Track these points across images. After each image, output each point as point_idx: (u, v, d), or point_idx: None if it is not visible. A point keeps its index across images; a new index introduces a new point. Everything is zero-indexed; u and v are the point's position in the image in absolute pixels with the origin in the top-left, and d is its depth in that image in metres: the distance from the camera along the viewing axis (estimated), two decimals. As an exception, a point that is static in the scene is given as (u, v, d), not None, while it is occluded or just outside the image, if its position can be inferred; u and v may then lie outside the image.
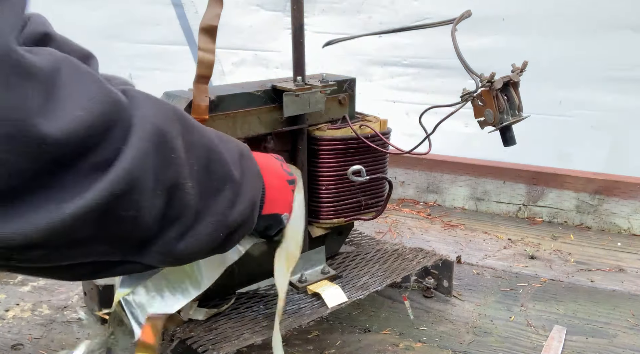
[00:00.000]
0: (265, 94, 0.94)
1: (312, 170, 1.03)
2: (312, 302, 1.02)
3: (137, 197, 0.46)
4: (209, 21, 0.81)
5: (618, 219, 1.52)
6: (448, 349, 1.03)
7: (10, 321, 1.11)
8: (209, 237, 0.56)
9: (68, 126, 0.41)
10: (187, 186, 0.52)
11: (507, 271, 1.32)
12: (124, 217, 0.46)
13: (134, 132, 0.46)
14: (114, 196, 0.44)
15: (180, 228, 0.53)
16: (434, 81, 1.73)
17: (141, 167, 0.46)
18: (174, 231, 0.53)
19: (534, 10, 1.57)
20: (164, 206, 0.50)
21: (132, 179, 0.45)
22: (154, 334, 0.80)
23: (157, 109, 0.50)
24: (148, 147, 0.47)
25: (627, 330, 1.09)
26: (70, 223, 0.42)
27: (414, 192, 1.75)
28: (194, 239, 0.55)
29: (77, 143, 0.42)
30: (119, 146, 0.45)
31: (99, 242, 0.47)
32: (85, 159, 0.43)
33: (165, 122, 0.50)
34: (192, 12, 2.06)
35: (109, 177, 0.43)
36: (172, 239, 0.53)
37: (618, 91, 1.53)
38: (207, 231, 0.56)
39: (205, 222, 0.56)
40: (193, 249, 0.55)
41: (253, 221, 0.65)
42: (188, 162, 0.53)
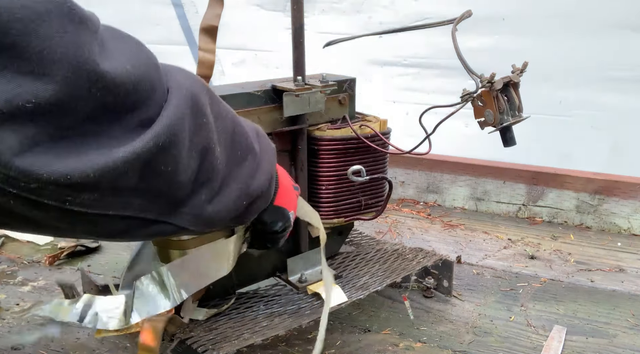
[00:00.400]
0: (265, 94, 0.94)
1: (312, 170, 1.03)
2: (312, 302, 1.02)
3: (175, 154, 0.49)
4: (209, 21, 0.81)
5: (618, 219, 1.52)
6: (448, 349, 1.03)
7: (10, 321, 1.11)
8: (234, 203, 0.59)
9: (121, 75, 0.44)
10: (216, 151, 0.55)
11: (507, 271, 1.32)
12: (163, 172, 0.49)
13: (172, 94, 0.49)
14: (157, 148, 0.46)
15: (209, 191, 0.55)
16: (434, 81, 1.73)
17: (180, 126, 0.49)
18: (203, 193, 0.55)
19: (534, 10, 1.57)
20: (196, 168, 0.53)
21: (173, 135, 0.48)
22: (155, 336, 0.80)
23: (188, 78, 0.53)
24: (185, 108, 0.50)
25: (627, 330, 1.09)
26: (121, 167, 0.44)
27: (414, 192, 1.75)
28: (221, 203, 0.57)
29: (127, 94, 0.45)
30: (161, 104, 0.48)
31: (138, 195, 0.49)
32: (132, 113, 0.46)
33: (197, 89, 0.53)
34: (192, 12, 2.06)
35: (154, 129, 0.46)
36: (202, 202, 0.55)
37: (618, 91, 1.53)
38: (233, 196, 0.59)
39: (231, 188, 0.58)
40: (220, 214, 0.58)
41: (270, 194, 0.68)
42: (217, 130, 0.55)
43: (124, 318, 0.71)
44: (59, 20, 0.40)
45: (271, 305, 1.01)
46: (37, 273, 1.30)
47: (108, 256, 1.39)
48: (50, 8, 0.40)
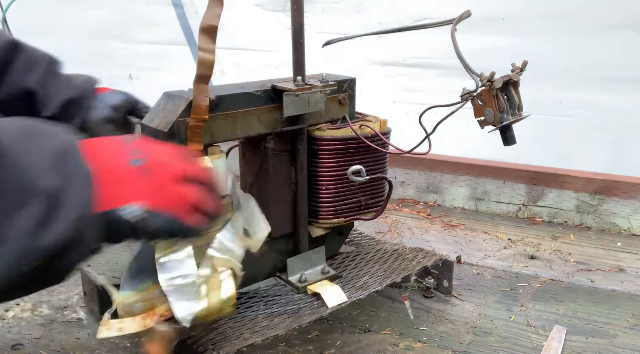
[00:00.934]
0: (265, 94, 0.94)
1: (312, 170, 1.03)
2: (312, 302, 1.02)
3: None
4: (209, 21, 0.81)
5: (618, 219, 1.52)
6: (448, 349, 1.03)
7: (10, 321, 1.11)
8: (8, 272, 0.45)
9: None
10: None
11: (507, 271, 1.32)
12: None
13: None
14: None
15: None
16: (434, 81, 1.73)
17: None
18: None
19: (534, 10, 1.57)
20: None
21: None
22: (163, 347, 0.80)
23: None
24: None
25: (627, 330, 1.09)
26: None
27: (414, 192, 1.75)
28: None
29: None
30: None
31: None
32: None
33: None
34: (192, 12, 2.06)
35: None
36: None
37: (618, 91, 1.53)
38: (7, 261, 0.45)
39: (2, 252, 0.45)
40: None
41: (87, 242, 0.52)
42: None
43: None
44: None
45: (271, 305, 1.01)
46: (37, 273, 1.30)
47: (108, 256, 1.39)
48: None
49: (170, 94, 0.87)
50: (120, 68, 2.14)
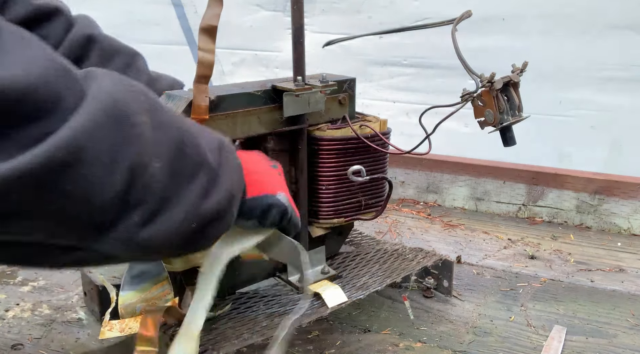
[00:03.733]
0: (265, 94, 0.94)
1: (312, 170, 1.03)
2: (312, 302, 1.02)
3: (86, 172, 0.42)
4: (209, 21, 0.81)
5: (618, 219, 1.52)
6: (448, 349, 1.03)
7: (10, 321, 1.11)
8: (177, 226, 0.51)
9: (9, 79, 0.38)
10: (152, 167, 0.48)
11: (507, 271, 1.32)
12: (70, 193, 0.42)
13: (86, 103, 0.43)
14: (53, 164, 0.40)
15: (143, 214, 0.48)
16: (434, 81, 1.73)
17: (91, 138, 0.42)
18: (136, 216, 0.48)
19: (534, 10, 1.57)
20: (123, 187, 0.46)
21: (77, 150, 0.41)
22: (154, 327, 0.80)
23: (117, 83, 0.47)
24: (102, 118, 0.43)
25: (627, 330, 1.09)
26: (1, 186, 0.38)
27: (414, 192, 1.75)
28: (160, 227, 0.50)
29: (15, 104, 0.39)
30: (66, 115, 0.41)
31: (40, 220, 0.43)
32: (25, 126, 0.40)
33: (127, 96, 0.47)
34: (192, 12, 2.06)
35: (48, 142, 0.40)
36: (135, 226, 0.48)
37: (618, 90, 1.53)
38: (176, 219, 0.51)
39: (174, 210, 0.51)
40: (159, 239, 0.50)
41: (231, 216, 0.60)
42: (155, 141, 0.49)
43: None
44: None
45: (271, 305, 1.01)
46: (37, 273, 1.30)
47: (108, 256, 1.39)
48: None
49: (171, 94, 0.87)
50: (120, 68, 2.14)
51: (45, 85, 0.40)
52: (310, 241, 1.08)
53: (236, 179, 0.60)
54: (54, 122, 0.41)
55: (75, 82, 0.43)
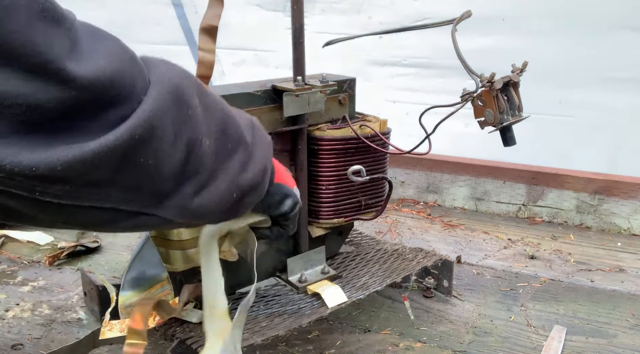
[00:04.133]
0: (265, 94, 0.94)
1: (312, 170, 1.03)
2: (312, 302, 1.02)
3: (156, 147, 0.48)
4: (209, 21, 0.81)
5: (618, 219, 1.52)
6: (448, 349, 1.03)
7: (10, 321, 1.11)
8: (222, 196, 0.58)
9: (94, 73, 0.43)
10: (204, 143, 0.54)
11: (507, 271, 1.32)
12: (143, 165, 0.48)
13: (153, 87, 0.48)
14: (133, 140, 0.46)
15: (196, 184, 0.55)
16: (434, 81, 1.73)
17: (160, 117, 0.48)
18: (190, 186, 0.54)
19: (534, 10, 1.57)
20: (182, 160, 0.52)
21: (151, 128, 0.47)
22: (143, 320, 0.80)
23: (173, 70, 0.52)
24: (167, 100, 0.49)
25: (627, 330, 1.09)
26: (91, 161, 0.44)
27: (414, 192, 1.75)
28: (209, 196, 0.56)
29: (103, 92, 0.44)
30: (140, 97, 0.47)
31: (116, 188, 0.48)
32: (111, 109, 0.45)
33: (182, 81, 0.52)
34: (192, 12, 2.06)
35: (129, 123, 0.46)
36: (189, 195, 0.54)
37: (618, 91, 1.53)
38: (221, 189, 0.58)
39: (219, 181, 0.57)
40: (208, 207, 0.57)
41: (264, 187, 0.66)
42: (205, 121, 0.55)
43: None
44: (27, 15, 0.40)
45: (271, 305, 1.01)
46: (37, 273, 1.30)
47: (108, 256, 1.39)
48: (20, 2, 0.39)
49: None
50: (120, 68, 2.13)
51: (123, 73, 0.46)
52: (310, 241, 1.08)
53: (268, 155, 0.66)
54: (131, 104, 0.46)
55: (142, 70, 0.49)
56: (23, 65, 0.39)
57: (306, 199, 1.04)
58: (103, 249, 1.42)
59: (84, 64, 0.43)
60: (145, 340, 0.80)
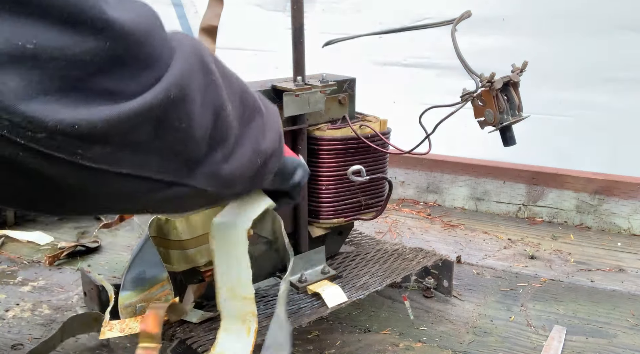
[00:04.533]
0: (265, 94, 0.94)
1: (312, 170, 1.03)
2: (312, 302, 1.02)
3: (188, 109, 0.49)
4: (209, 21, 0.81)
5: (618, 219, 1.52)
6: (448, 349, 1.03)
7: (10, 321, 1.11)
8: (248, 161, 0.59)
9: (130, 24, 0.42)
10: (228, 109, 0.55)
11: (507, 271, 1.32)
12: (178, 128, 0.48)
13: (178, 51, 0.49)
14: (169, 100, 0.46)
15: (224, 150, 0.55)
16: (433, 81, 1.73)
17: (189, 80, 0.49)
18: (219, 152, 0.55)
19: (534, 10, 1.57)
20: (211, 125, 0.52)
21: (183, 88, 0.47)
22: (157, 323, 0.80)
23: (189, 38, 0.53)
24: (192, 65, 0.50)
25: (627, 330, 1.09)
26: (132, 119, 0.43)
27: (414, 192, 1.75)
28: (237, 162, 0.57)
29: (138, 46, 0.44)
30: (168, 61, 0.47)
31: (154, 152, 0.48)
32: (147, 69, 0.45)
33: (201, 49, 0.53)
34: (192, 12, 2.06)
35: (164, 82, 0.46)
36: (219, 161, 0.55)
37: (618, 91, 1.53)
38: (247, 155, 0.58)
39: (244, 147, 0.58)
40: (237, 173, 0.58)
41: (281, 152, 0.67)
42: (226, 88, 0.55)
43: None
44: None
45: (271, 305, 1.01)
46: (37, 273, 1.30)
47: (108, 256, 1.39)
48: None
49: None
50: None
51: (154, 33, 0.46)
52: (310, 241, 1.08)
53: (279, 122, 0.68)
54: (162, 66, 0.46)
55: (167, 36, 0.49)
56: (58, 15, 0.39)
57: (306, 199, 1.04)
58: (103, 249, 1.42)
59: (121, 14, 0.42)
60: (159, 343, 0.80)
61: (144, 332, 0.79)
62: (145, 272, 0.97)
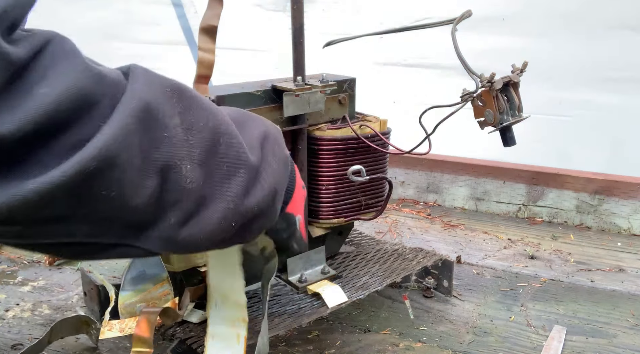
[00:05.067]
0: (265, 94, 0.94)
1: (312, 170, 1.03)
2: (312, 302, 1.02)
3: (118, 176, 0.44)
4: (209, 21, 0.81)
5: (618, 219, 1.52)
6: (448, 349, 1.03)
7: (10, 321, 1.11)
8: (217, 225, 0.53)
9: (27, 117, 0.39)
10: (185, 168, 0.49)
11: (507, 271, 1.32)
12: (104, 197, 0.44)
13: (119, 108, 0.44)
14: (87, 172, 0.41)
15: (181, 213, 0.50)
16: (434, 81, 1.73)
17: (123, 144, 0.43)
18: (174, 215, 0.50)
19: (534, 10, 1.57)
20: (157, 188, 0.47)
21: (110, 157, 0.42)
22: (149, 328, 0.80)
23: (151, 85, 0.47)
24: (133, 123, 0.44)
25: (627, 330, 1.09)
26: (35, 200, 0.40)
27: (414, 192, 1.74)
28: (199, 226, 0.52)
29: (48, 116, 0.40)
30: (99, 123, 0.42)
31: (79, 222, 0.44)
32: (60, 136, 0.41)
33: (159, 98, 0.47)
34: (192, 12, 2.06)
35: (80, 154, 0.41)
36: (174, 225, 0.50)
37: (618, 91, 1.53)
38: (215, 217, 0.53)
39: (212, 209, 0.52)
40: (199, 237, 0.52)
41: (275, 211, 0.61)
42: (187, 143, 0.50)
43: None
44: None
45: (271, 305, 1.01)
46: (37, 273, 1.30)
47: (108, 256, 1.39)
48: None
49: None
50: (120, 68, 2.13)
51: (74, 97, 0.41)
52: (310, 241, 1.07)
53: (281, 174, 0.60)
54: (87, 129, 0.42)
55: (110, 87, 0.44)
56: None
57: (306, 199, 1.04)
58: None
59: (17, 109, 0.39)
60: (151, 348, 0.80)
61: (136, 336, 0.80)
62: (145, 272, 0.97)
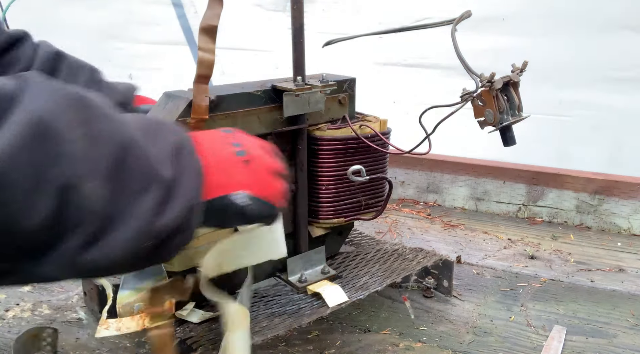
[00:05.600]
0: (265, 94, 0.94)
1: (312, 170, 1.03)
2: (312, 302, 1.02)
3: (5, 198, 0.41)
4: (209, 21, 0.81)
5: (618, 219, 1.52)
6: (448, 349, 1.03)
7: (10, 321, 1.11)
8: (128, 246, 0.49)
9: None
10: (86, 186, 0.45)
11: (507, 271, 1.32)
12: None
13: (5, 125, 0.41)
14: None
15: (82, 236, 0.46)
16: (434, 81, 1.73)
17: (11, 162, 0.40)
18: (74, 239, 0.46)
19: (534, 10, 1.57)
20: (53, 209, 0.43)
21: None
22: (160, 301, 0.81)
23: (47, 97, 0.44)
24: (24, 139, 0.41)
25: (627, 330, 1.09)
26: None
27: (414, 192, 1.74)
28: (106, 248, 0.48)
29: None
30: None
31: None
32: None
33: (55, 111, 0.44)
34: (192, 12, 2.06)
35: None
36: (75, 248, 0.46)
37: (618, 91, 1.53)
38: (124, 238, 0.48)
39: (120, 230, 0.48)
40: (105, 261, 0.48)
41: (193, 227, 0.57)
42: (89, 159, 0.46)
43: None
44: None
45: (271, 305, 1.01)
46: (37, 273, 1.30)
47: (108, 256, 1.39)
48: None
49: (170, 94, 0.87)
50: (120, 68, 2.13)
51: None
52: (310, 241, 1.08)
53: (196, 187, 0.56)
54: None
55: (3, 102, 0.42)
56: None
57: (306, 199, 1.04)
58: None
59: None
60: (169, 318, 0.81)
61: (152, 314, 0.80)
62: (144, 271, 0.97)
